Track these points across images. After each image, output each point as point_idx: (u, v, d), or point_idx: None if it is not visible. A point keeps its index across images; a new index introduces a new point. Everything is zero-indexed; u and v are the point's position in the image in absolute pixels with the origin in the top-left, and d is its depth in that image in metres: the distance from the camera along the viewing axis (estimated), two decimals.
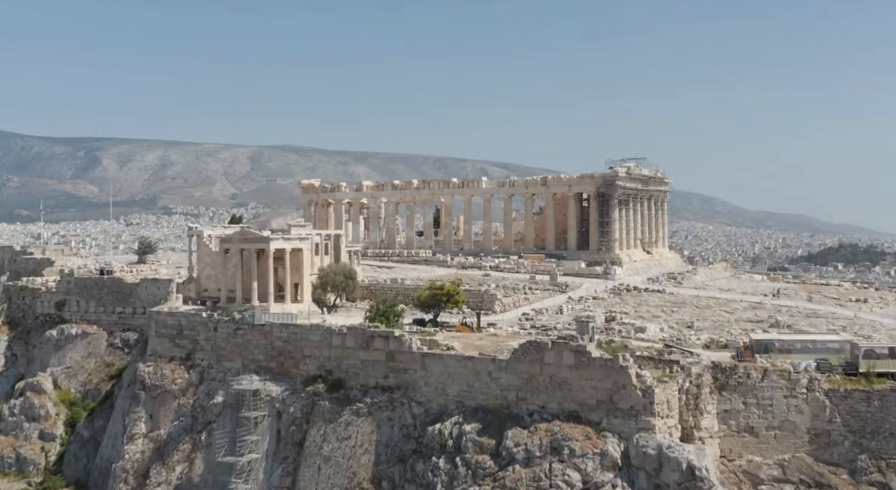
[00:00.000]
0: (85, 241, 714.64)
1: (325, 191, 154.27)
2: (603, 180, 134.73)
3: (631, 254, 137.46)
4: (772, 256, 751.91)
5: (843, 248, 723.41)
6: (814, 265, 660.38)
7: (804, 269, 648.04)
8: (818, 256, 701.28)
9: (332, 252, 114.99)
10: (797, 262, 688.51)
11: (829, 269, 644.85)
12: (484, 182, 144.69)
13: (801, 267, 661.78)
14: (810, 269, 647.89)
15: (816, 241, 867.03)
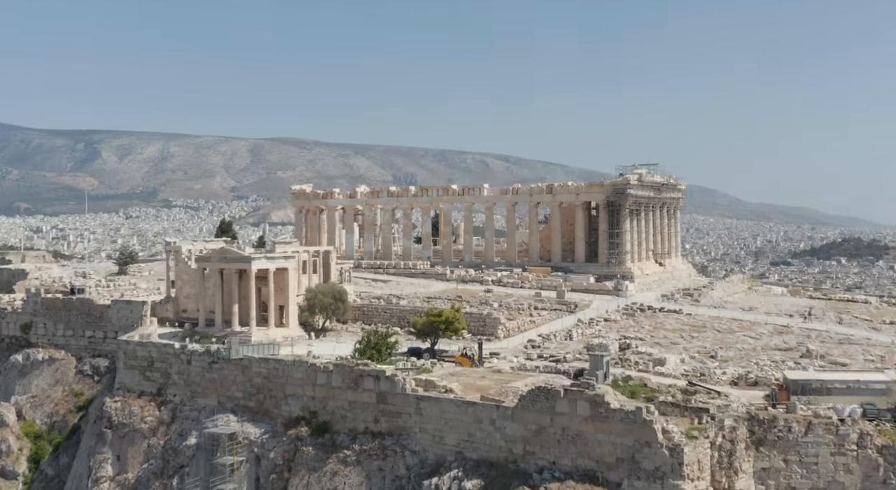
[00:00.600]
0: (83, 235, 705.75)
1: (318, 197, 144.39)
2: (613, 189, 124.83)
3: (643, 267, 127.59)
4: (774, 250, 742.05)
5: (846, 242, 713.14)
6: (817, 259, 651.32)
7: (807, 264, 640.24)
8: (821, 251, 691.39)
9: (322, 270, 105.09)
10: (800, 257, 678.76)
11: (833, 264, 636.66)
12: (485, 189, 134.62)
13: (804, 261, 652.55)
14: (813, 263, 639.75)
15: (818, 234, 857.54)
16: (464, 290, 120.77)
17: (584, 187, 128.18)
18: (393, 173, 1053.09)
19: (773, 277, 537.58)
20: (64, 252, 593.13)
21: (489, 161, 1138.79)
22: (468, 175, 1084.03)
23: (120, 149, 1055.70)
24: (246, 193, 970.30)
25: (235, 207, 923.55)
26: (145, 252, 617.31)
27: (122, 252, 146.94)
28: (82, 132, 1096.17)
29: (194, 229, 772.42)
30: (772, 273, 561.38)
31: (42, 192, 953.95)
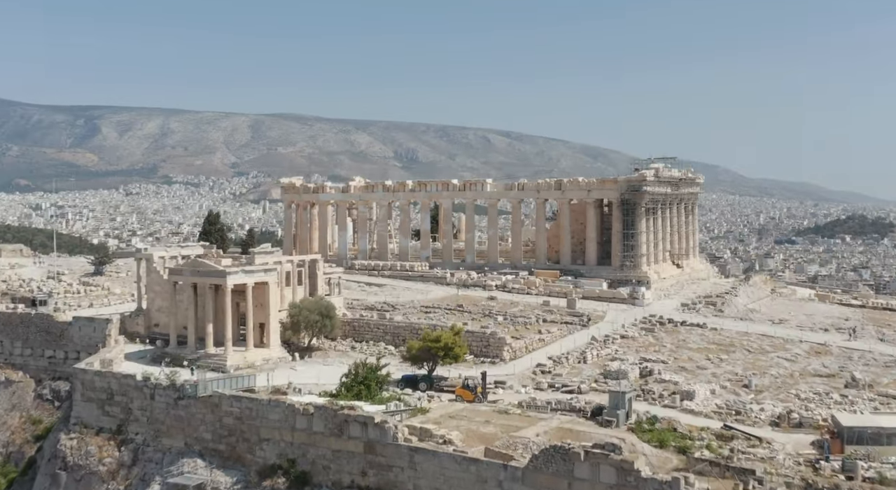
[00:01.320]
0: (82, 213, 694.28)
1: (308, 191, 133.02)
2: (628, 186, 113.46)
3: (659, 269, 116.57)
4: (777, 227, 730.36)
5: (850, 219, 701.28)
6: (821, 237, 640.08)
7: (811, 242, 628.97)
8: (825, 228, 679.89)
9: (307, 281, 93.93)
10: (804, 234, 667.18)
11: (837, 242, 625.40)
12: (488, 184, 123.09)
13: (808, 239, 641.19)
14: (818, 241, 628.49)
15: (821, 211, 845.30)
16: (465, 297, 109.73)
17: (597, 183, 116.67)
18: (394, 149, 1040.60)
19: (779, 257, 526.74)
20: (62, 231, 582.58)
21: (491, 137, 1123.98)
22: (470, 150, 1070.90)
23: (120, 125, 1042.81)
24: (246, 169, 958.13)
25: (236, 184, 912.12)
26: (143, 231, 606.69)
27: (98, 252, 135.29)
28: (82, 108, 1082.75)
29: (194, 206, 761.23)
30: (776, 252, 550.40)
31: (42, 169, 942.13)
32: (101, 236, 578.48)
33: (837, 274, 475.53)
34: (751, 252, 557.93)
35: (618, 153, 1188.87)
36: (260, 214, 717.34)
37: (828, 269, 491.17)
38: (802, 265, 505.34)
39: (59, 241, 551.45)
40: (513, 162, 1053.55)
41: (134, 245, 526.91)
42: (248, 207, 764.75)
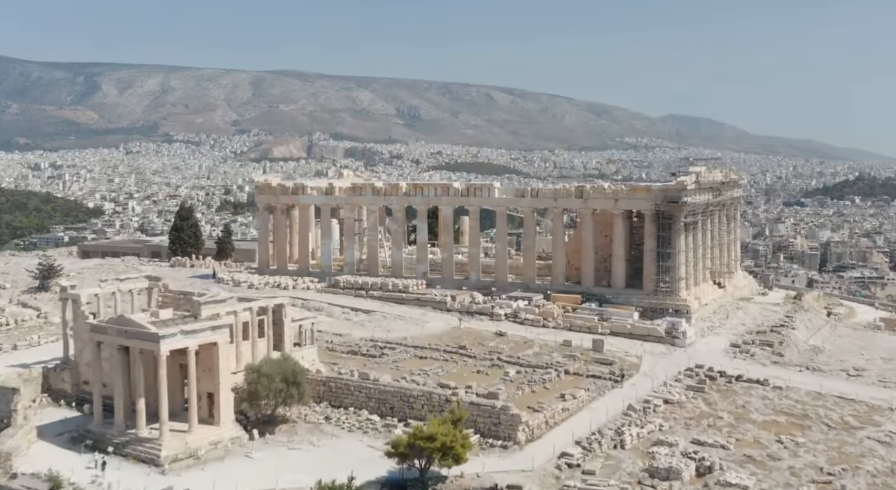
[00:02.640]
0: (80, 174, 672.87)
1: (286, 192, 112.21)
2: (664, 196, 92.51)
3: (700, 294, 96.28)
4: (785, 188, 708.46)
5: (860, 180, 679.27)
6: (830, 199, 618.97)
7: (821, 204, 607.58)
8: (834, 189, 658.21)
9: (271, 332, 73.66)
10: (812, 196, 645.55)
11: (847, 204, 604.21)
12: (497, 189, 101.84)
13: (817, 201, 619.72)
14: (827, 203, 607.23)
15: (828, 170, 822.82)
16: (468, 333, 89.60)
17: (626, 192, 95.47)
18: (396, 106, 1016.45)
19: (789, 221, 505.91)
20: (57, 194, 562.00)
21: (494, 94, 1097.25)
22: (473, 108, 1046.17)
23: (120, 82, 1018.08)
24: (248, 127, 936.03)
25: (237, 142, 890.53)
26: (140, 194, 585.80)
27: (42, 264, 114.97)
28: (82, 65, 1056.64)
29: (194, 166, 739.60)
30: (786, 216, 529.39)
31: (42, 127, 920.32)
32: (97, 199, 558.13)
33: (850, 240, 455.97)
34: (760, 216, 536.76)
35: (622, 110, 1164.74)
36: (260, 175, 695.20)
37: (840, 235, 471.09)
38: (814, 230, 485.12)
39: (53, 204, 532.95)
40: (516, 119, 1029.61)
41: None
42: (248, 167, 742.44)
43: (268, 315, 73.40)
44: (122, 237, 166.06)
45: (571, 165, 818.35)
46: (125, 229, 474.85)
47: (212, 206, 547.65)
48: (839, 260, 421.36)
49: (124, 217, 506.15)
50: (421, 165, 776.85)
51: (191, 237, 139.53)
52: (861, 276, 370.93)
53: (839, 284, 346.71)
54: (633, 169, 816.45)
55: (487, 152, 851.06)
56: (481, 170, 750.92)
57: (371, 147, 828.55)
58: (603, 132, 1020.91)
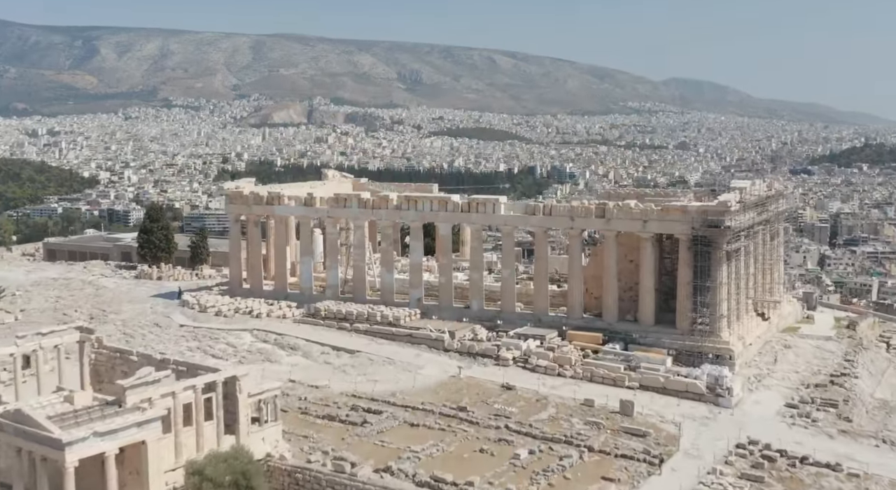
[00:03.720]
0: (77, 142, 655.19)
1: (260, 202, 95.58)
2: (703, 218, 75.94)
3: (744, 332, 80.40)
4: (791, 155, 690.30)
5: (867, 147, 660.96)
6: (837, 167, 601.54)
7: (828, 172, 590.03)
8: (841, 156, 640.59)
9: (220, 413, 57.88)
10: (819, 163, 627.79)
11: (854, 172, 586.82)
12: (503, 204, 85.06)
13: (823, 168, 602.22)
14: (834, 171, 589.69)
15: (833, 135, 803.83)
16: (470, 385, 73.91)
17: (657, 212, 78.81)
18: (398, 70, 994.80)
19: (798, 191, 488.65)
20: (52, 164, 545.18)
21: (496, 57, 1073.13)
22: (475, 72, 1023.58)
23: (119, 46, 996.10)
24: (248, 92, 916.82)
25: (237, 107, 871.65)
26: (136, 163, 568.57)
27: None
28: (80, 28, 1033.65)
29: (193, 133, 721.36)
30: (794, 185, 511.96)
31: (40, 91, 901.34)
32: (92, 169, 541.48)
33: (861, 212, 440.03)
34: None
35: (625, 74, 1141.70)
36: (259, 142, 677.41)
37: (850, 206, 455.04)
38: (823, 201, 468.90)
39: (48, 174, 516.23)
40: (518, 83, 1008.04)
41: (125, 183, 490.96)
42: (248, 134, 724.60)
43: (217, 391, 57.45)
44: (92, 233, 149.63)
45: (574, 131, 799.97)
46: (120, 200, 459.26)
47: (209, 175, 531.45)
48: (850, 233, 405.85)
49: (120, 187, 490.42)
50: (422, 131, 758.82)
51: (161, 240, 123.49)
52: (874, 250, 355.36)
53: (852, 260, 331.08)
54: (637, 134, 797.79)
55: (489, 117, 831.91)
56: (483, 135, 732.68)
57: (372, 112, 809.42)
58: (606, 96, 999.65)
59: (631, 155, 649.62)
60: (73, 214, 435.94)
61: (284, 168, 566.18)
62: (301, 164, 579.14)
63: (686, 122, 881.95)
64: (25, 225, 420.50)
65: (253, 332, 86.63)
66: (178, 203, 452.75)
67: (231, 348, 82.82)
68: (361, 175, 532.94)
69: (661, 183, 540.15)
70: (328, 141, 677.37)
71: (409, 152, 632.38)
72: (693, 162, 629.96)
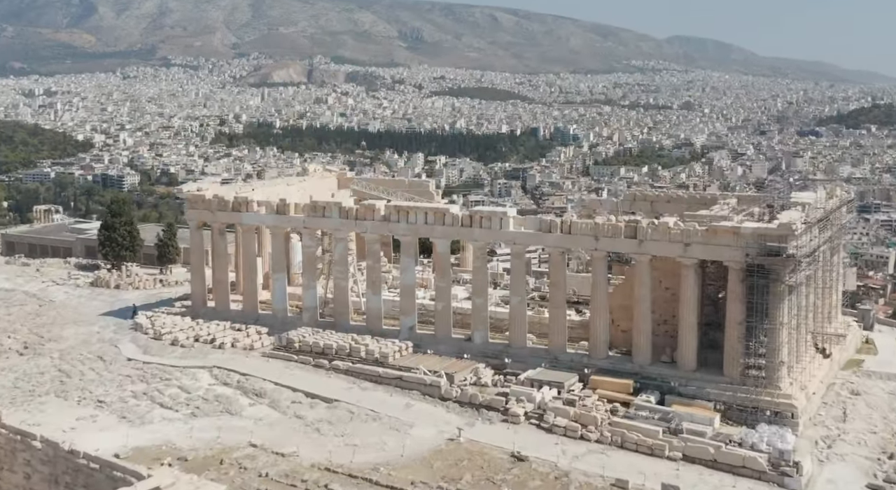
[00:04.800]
0: (73, 103, 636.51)
1: (225, 208, 79.58)
2: (761, 243, 60.12)
3: (805, 378, 64.82)
4: (797, 115, 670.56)
5: (875, 108, 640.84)
6: (845, 128, 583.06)
7: (835, 133, 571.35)
8: (848, 117, 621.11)
9: None
10: (826, 124, 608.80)
11: (863, 133, 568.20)
12: (512, 219, 68.77)
13: (831, 130, 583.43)
14: (842, 133, 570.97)
15: (839, 94, 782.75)
16: (472, 452, 58.93)
17: (701, 234, 62.40)
18: (398, 29, 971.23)
19: (807, 155, 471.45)
20: (45, 126, 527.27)
21: (498, 15, 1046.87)
22: (476, 30, 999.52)
23: (117, 3, 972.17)
24: (247, 50, 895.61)
25: (236, 66, 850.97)
26: (132, 125, 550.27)
27: None
28: None
29: (191, 93, 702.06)
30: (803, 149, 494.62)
31: (38, 50, 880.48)
32: (87, 131, 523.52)
33: (872, 177, 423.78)
34: (776, 148, 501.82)
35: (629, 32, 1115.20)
36: (258, 102, 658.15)
37: (861, 171, 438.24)
38: (833, 165, 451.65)
39: (41, 137, 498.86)
40: (520, 41, 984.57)
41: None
42: (247, 94, 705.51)
43: None
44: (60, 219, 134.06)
45: (577, 90, 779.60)
46: (114, 164, 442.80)
47: (206, 138, 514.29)
48: (862, 199, 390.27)
49: (114, 150, 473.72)
50: (423, 91, 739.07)
51: (125, 238, 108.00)
52: (888, 219, 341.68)
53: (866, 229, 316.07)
54: (641, 94, 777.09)
55: (491, 76, 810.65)
56: (485, 95, 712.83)
57: (373, 71, 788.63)
58: (609, 54, 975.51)
59: (635, 115, 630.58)
60: (66, 180, 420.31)
61: (283, 130, 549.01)
62: (300, 126, 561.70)
63: (690, 81, 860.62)
64: (17, 190, 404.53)
65: (213, 370, 71.40)
66: (174, 168, 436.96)
67: (184, 394, 67.67)
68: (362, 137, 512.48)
69: (667, 145, 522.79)
70: (328, 101, 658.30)
71: (409, 113, 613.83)
72: (698, 122, 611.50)
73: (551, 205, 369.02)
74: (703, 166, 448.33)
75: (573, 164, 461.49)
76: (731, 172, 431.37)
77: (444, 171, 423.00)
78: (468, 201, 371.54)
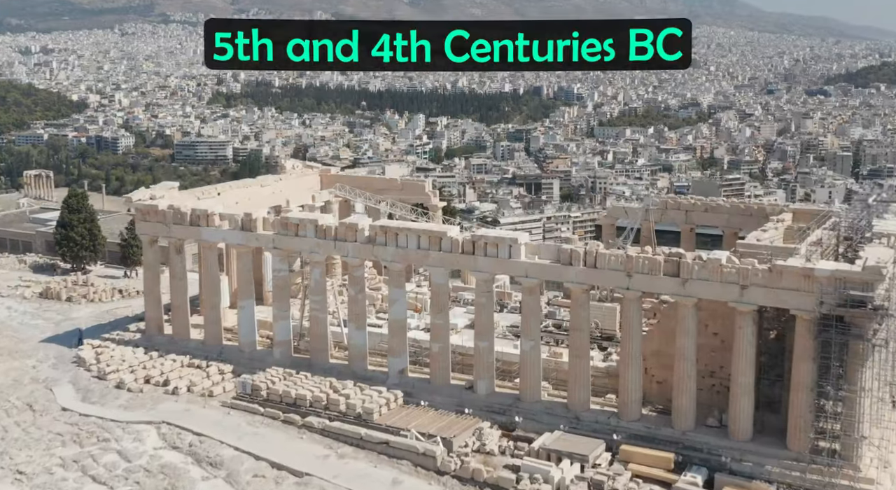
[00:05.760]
0: (68, 61, 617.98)
1: (182, 221, 65.44)
2: (840, 291, 46.90)
3: (887, 453, 51.83)
4: (805, 73, 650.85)
5: (885, 66, 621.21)
6: (854, 87, 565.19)
7: (844, 92, 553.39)
8: (857, 76, 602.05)
9: None
10: (835, 82, 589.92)
11: (872, 92, 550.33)
12: (523, 247, 55.31)
13: (840, 88, 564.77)
14: (851, 92, 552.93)
15: (846, 51, 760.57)
16: None
17: (763, 275, 48.79)
18: None
19: (816, 116, 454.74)
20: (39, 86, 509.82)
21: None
22: None
23: None
24: (247, 6, 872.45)
25: None
26: (128, 85, 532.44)
27: None
28: None
29: (189, 51, 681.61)
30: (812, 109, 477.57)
31: (35, 6, 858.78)
32: (82, 91, 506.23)
33: (885, 139, 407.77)
34: (784, 108, 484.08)
35: None
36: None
37: (873, 133, 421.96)
38: (844, 127, 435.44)
39: (35, 98, 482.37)
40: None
41: None
42: None
43: None
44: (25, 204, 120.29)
45: None
46: (109, 126, 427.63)
47: (203, 98, 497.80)
48: (874, 162, 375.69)
49: (109, 111, 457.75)
50: None
51: (84, 237, 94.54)
52: None
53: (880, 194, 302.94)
54: None
55: None
56: None
57: None
58: (612, 11, 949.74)
59: (640, 74, 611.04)
60: (59, 142, 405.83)
61: (282, 89, 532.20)
62: (299, 85, 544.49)
63: (695, 37, 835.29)
64: (9, 153, 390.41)
65: (161, 428, 58.34)
66: (169, 129, 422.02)
67: (124, 463, 54.76)
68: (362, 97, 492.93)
69: (673, 105, 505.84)
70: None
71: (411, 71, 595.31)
72: (704, 81, 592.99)
73: (555, 168, 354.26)
74: (710, 127, 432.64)
75: (577, 124, 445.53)
76: (739, 134, 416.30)
77: (446, 133, 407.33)
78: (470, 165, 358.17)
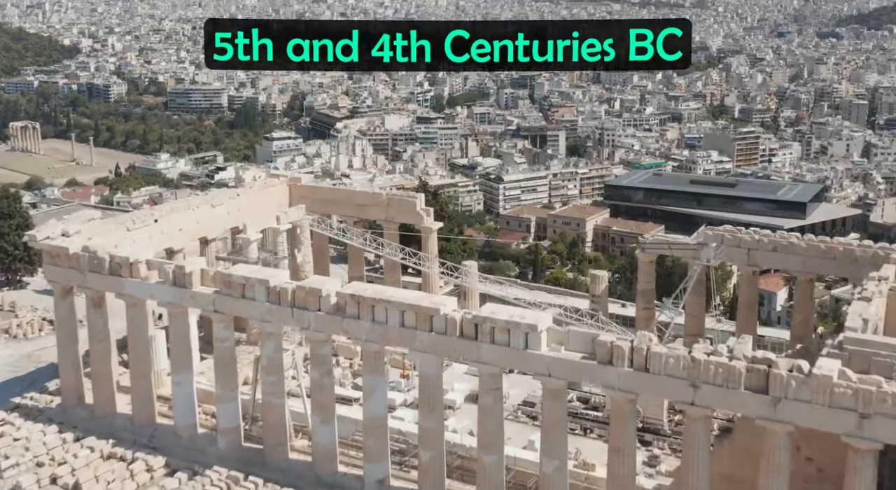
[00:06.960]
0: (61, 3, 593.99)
1: (100, 268, 49.21)
2: None
3: None
4: (815, 14, 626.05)
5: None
6: (867, 29, 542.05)
7: (856, 35, 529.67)
8: (870, 17, 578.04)
9: None
10: (847, 25, 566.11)
11: (885, 35, 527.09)
12: (543, 334, 39.72)
13: (852, 31, 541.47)
14: (863, 34, 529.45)
15: None
16: None
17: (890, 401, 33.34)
18: None
19: (830, 62, 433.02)
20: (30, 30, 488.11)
21: None
22: None
23: None
24: None
25: None
26: (122, 28, 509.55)
27: None
28: None
29: None
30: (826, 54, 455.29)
31: None
32: (74, 35, 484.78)
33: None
34: (796, 53, 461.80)
35: None
36: (255, 1, 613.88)
37: (889, 79, 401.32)
38: (859, 73, 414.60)
39: (25, 43, 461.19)
40: None
41: None
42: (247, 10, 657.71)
43: None
44: None
45: None
46: (100, 72, 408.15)
47: (198, 42, 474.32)
48: (891, 111, 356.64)
49: (101, 57, 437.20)
50: None
51: (18, 247, 78.42)
52: None
53: None
54: None
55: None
56: None
57: None
58: None
59: (646, 14, 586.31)
60: (49, 89, 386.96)
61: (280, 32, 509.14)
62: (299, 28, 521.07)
63: None
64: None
65: None
66: (163, 76, 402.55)
67: None
68: None
69: None
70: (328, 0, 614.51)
71: (412, 12, 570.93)
72: (713, 23, 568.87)
73: (561, 117, 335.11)
74: (720, 73, 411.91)
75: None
76: (750, 80, 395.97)
77: (447, 80, 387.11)
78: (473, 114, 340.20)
